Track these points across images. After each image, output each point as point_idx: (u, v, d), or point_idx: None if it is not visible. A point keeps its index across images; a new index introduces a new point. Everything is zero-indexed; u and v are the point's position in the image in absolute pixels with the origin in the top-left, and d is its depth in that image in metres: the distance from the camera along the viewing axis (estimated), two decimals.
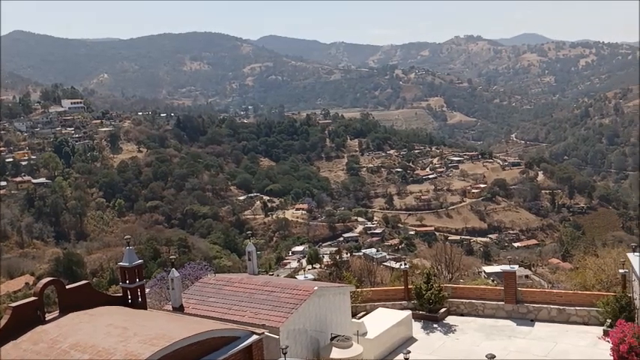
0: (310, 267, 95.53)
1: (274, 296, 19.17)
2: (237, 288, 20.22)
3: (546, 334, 23.01)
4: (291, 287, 19.77)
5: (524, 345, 22.22)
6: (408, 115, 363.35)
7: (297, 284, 20.92)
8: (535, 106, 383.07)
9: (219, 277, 21.88)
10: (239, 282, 20.69)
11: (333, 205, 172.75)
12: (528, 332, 23.50)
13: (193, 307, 19.36)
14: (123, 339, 13.43)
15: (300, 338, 18.65)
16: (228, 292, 20.09)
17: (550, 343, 22.16)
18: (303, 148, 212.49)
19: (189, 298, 20.08)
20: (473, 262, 78.15)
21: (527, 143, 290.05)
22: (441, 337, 23.67)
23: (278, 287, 19.84)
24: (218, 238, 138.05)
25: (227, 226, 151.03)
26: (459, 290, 27.33)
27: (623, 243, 69.86)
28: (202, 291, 20.57)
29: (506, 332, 23.63)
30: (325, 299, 20.09)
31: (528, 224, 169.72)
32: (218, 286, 20.68)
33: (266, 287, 19.88)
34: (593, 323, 23.36)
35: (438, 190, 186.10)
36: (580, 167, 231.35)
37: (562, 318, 24.30)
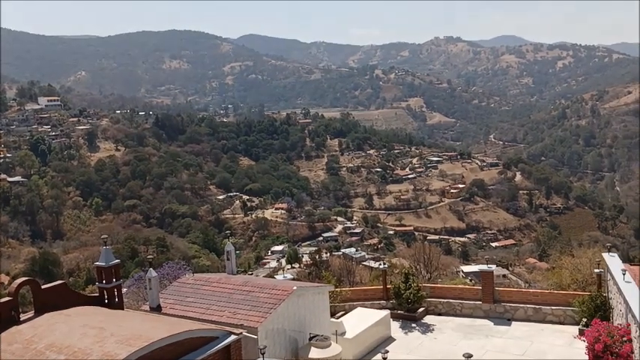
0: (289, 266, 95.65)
1: (253, 296, 19.08)
2: (215, 288, 20.10)
3: (523, 334, 23.22)
4: (269, 287, 19.70)
5: (501, 344, 22.40)
6: (388, 115, 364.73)
7: (275, 284, 20.86)
8: (513, 107, 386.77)
9: (198, 277, 21.73)
10: (217, 282, 20.57)
11: (313, 205, 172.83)
12: (505, 331, 23.69)
13: (171, 307, 19.19)
14: (99, 339, 13.27)
15: (278, 338, 18.61)
16: (207, 292, 19.96)
17: (527, 342, 22.37)
18: (283, 148, 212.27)
19: (166, 298, 19.91)
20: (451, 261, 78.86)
21: (506, 144, 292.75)
22: (419, 337, 23.77)
23: (257, 287, 19.75)
24: (197, 237, 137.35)
25: (206, 225, 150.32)
26: (437, 290, 27.47)
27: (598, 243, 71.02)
28: (180, 291, 20.41)
29: (483, 331, 23.80)
30: (304, 299, 20.06)
31: (506, 224, 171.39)
32: (196, 285, 20.53)
33: (244, 287, 19.78)
34: (569, 322, 23.62)
35: (417, 190, 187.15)
36: (557, 168, 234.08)
37: (538, 317, 24.54)
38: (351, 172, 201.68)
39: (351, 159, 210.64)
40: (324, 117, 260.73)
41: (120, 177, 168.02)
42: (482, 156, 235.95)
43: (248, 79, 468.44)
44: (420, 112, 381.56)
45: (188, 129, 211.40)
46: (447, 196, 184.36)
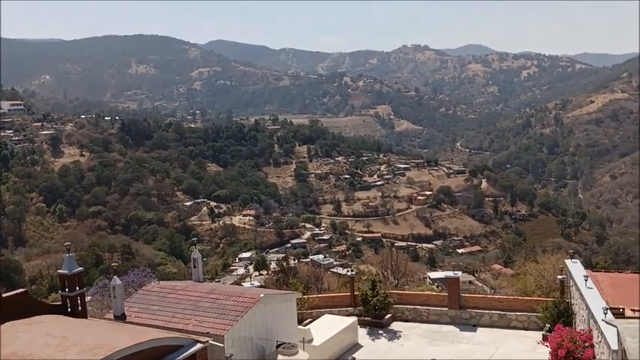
0: (257, 273, 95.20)
1: (219, 304, 18.95)
2: (181, 296, 19.90)
3: (488, 339, 23.49)
4: (236, 295, 19.59)
5: (466, 350, 22.62)
6: (356, 123, 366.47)
7: (242, 291, 20.76)
8: (479, 115, 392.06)
9: (163, 285, 21.49)
10: (183, 289, 20.38)
11: (281, 211, 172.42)
12: (471, 337, 23.94)
13: (136, 316, 18.94)
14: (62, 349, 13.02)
15: (245, 346, 18.49)
16: (172, 299, 19.75)
17: (492, 347, 22.63)
18: (252, 154, 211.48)
19: (131, 306, 19.65)
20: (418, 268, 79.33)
21: (472, 151, 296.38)
22: (386, 343, 23.88)
23: (223, 295, 19.62)
24: (163, 244, 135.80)
25: (173, 232, 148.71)
26: (404, 296, 27.64)
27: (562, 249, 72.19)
28: (145, 299, 20.15)
29: (449, 337, 24.02)
30: (271, 306, 19.99)
31: (472, 231, 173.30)
32: (162, 293, 20.30)
33: (211, 295, 19.63)
34: (533, 328, 23.98)
35: (385, 196, 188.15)
36: (522, 175, 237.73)
37: (503, 323, 24.87)
38: (319, 178, 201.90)
39: (320, 166, 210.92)
40: (292, 123, 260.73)
41: (84, 183, 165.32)
42: (449, 163, 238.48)
43: (216, 84, 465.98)
44: (388, 120, 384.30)
45: (155, 134, 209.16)
46: (414, 202, 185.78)
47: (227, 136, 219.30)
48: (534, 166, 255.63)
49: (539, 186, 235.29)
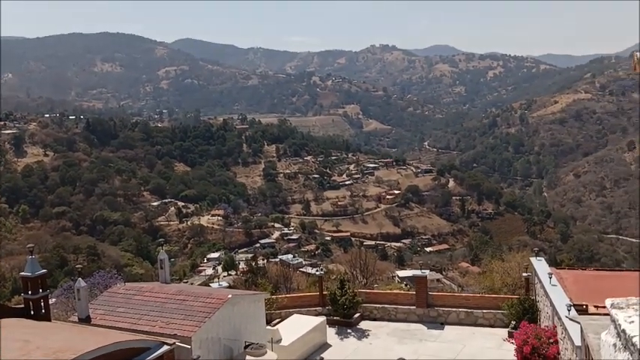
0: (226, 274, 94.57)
1: (186, 305, 18.77)
2: (147, 297, 19.66)
3: (455, 337, 23.73)
4: (204, 295, 19.43)
5: (434, 348, 22.82)
6: (325, 122, 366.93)
7: (210, 292, 20.60)
8: (447, 115, 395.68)
9: (129, 286, 21.20)
10: (150, 291, 20.13)
11: (250, 211, 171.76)
12: (438, 335, 24.16)
13: (101, 318, 18.65)
14: (24, 353, 12.75)
15: (213, 347, 18.35)
16: (139, 301, 19.49)
17: (459, 345, 22.86)
18: (220, 154, 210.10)
19: (96, 308, 19.33)
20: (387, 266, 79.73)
21: (439, 151, 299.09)
22: (355, 342, 23.95)
23: (191, 296, 19.44)
24: (130, 245, 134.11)
25: (139, 232, 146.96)
26: (373, 295, 27.76)
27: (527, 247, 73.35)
28: (111, 301, 19.85)
29: (417, 336, 24.19)
30: (239, 307, 19.88)
31: (440, 229, 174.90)
32: (128, 295, 20.03)
33: (178, 296, 19.44)
34: (499, 325, 24.31)
35: (353, 196, 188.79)
36: (488, 174, 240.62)
37: (470, 321, 25.15)
38: (288, 178, 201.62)
39: (289, 165, 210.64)
40: (261, 123, 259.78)
41: (48, 183, 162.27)
42: (416, 163, 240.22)
43: (183, 83, 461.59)
44: (356, 119, 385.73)
45: (121, 134, 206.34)
46: (382, 202, 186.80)
47: (195, 136, 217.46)
48: (500, 165, 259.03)
49: (505, 185, 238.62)
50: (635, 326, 2.33)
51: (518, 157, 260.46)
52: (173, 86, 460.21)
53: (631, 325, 2.35)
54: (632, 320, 2.40)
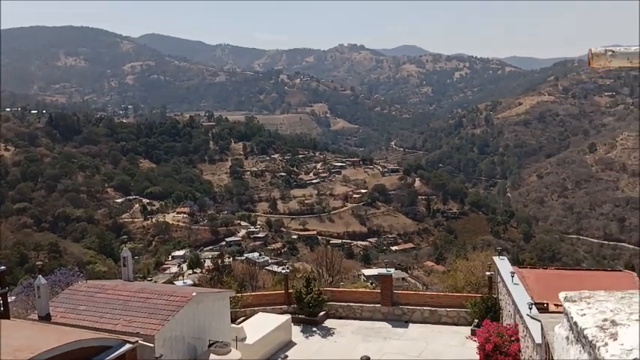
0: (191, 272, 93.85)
1: (150, 303, 18.56)
2: (110, 295, 19.38)
3: (419, 335, 23.93)
4: (168, 293, 19.23)
5: (398, 346, 22.98)
6: (293, 120, 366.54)
7: (174, 290, 20.39)
8: (413, 115, 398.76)
9: (91, 284, 20.87)
10: (112, 289, 19.85)
11: (216, 209, 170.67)
12: (403, 333, 24.34)
13: (62, 316, 18.31)
14: None
15: (176, 346, 18.17)
16: (101, 299, 19.21)
17: (423, 343, 23.06)
18: (186, 151, 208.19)
19: (57, 306, 18.98)
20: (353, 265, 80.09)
21: (406, 151, 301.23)
22: (320, 341, 23.97)
23: (154, 294, 19.23)
24: (93, 242, 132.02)
25: (103, 229, 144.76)
26: (338, 293, 27.83)
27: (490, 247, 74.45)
28: (72, 299, 19.51)
29: (382, 334, 24.33)
30: (204, 305, 19.72)
31: (406, 228, 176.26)
32: (89, 293, 19.71)
33: (141, 294, 19.20)
34: (462, 323, 24.59)
35: (320, 194, 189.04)
36: (453, 174, 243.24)
37: (434, 319, 25.40)
38: (255, 176, 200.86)
39: (256, 163, 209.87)
40: (228, 120, 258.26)
41: (9, 179, 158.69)
42: (383, 162, 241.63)
43: (149, 79, 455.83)
44: (324, 118, 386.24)
45: (84, 129, 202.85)
46: (349, 200, 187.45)
47: (161, 132, 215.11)
48: (465, 166, 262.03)
49: (470, 185, 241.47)
50: (586, 319, 2.38)
51: (483, 157, 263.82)
52: (139, 82, 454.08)
53: (582, 318, 2.40)
54: (583, 313, 2.45)
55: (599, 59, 2.56)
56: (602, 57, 2.57)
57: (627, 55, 2.53)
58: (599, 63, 2.52)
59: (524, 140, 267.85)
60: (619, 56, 2.53)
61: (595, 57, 2.50)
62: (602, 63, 2.54)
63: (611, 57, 2.53)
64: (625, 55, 2.53)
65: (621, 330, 2.27)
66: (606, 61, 2.52)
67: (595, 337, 2.26)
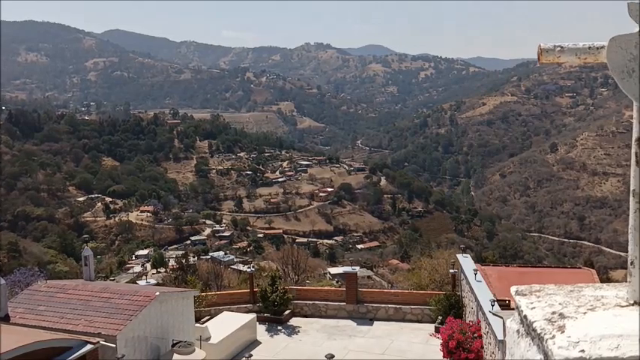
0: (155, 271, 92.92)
1: (112, 303, 18.29)
2: (71, 295, 19.04)
3: (384, 333, 24.09)
4: (130, 293, 18.97)
5: (363, 344, 23.09)
6: (259, 119, 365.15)
7: (137, 290, 20.12)
8: (379, 114, 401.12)
9: (52, 284, 20.47)
10: (73, 289, 19.50)
11: (181, 208, 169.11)
12: (367, 331, 24.46)
13: (21, 317, 17.92)
14: None
15: (139, 346, 17.94)
16: (61, 299, 18.85)
17: (387, 340, 23.22)
18: (150, 148, 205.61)
19: (16, 306, 18.56)
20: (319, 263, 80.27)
21: (372, 149, 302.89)
22: (285, 339, 23.95)
23: (116, 293, 18.96)
24: (54, 241, 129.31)
25: (64, 229, 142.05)
26: (304, 292, 27.83)
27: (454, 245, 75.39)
28: (32, 299, 19.11)
29: (347, 332, 24.42)
30: (167, 305, 19.51)
31: (371, 227, 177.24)
32: (50, 293, 19.33)
33: (103, 294, 18.91)
34: (426, 321, 24.84)
35: (286, 193, 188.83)
36: (418, 173, 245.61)
37: (398, 316, 25.59)
38: (220, 174, 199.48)
39: (221, 161, 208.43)
40: (193, 118, 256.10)
41: None
42: (349, 161, 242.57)
43: (113, 76, 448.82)
44: (290, 117, 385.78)
45: (45, 126, 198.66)
46: (315, 199, 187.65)
47: (124, 130, 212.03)
48: (430, 165, 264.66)
49: (435, 184, 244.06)
50: (536, 312, 2.41)
51: (448, 156, 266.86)
52: (101, 78, 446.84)
53: (532, 311, 2.42)
54: (533, 306, 2.48)
55: (548, 55, 2.59)
56: (551, 52, 2.58)
57: (575, 51, 2.57)
58: (548, 58, 2.62)
59: (487, 140, 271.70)
60: (567, 52, 2.58)
61: (544, 52, 2.59)
62: (551, 58, 2.65)
63: (560, 53, 2.57)
64: (573, 50, 2.57)
65: (569, 322, 2.30)
66: (555, 57, 2.59)
67: (543, 329, 2.28)
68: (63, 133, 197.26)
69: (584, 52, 2.58)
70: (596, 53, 2.57)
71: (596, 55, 2.57)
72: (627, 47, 2.46)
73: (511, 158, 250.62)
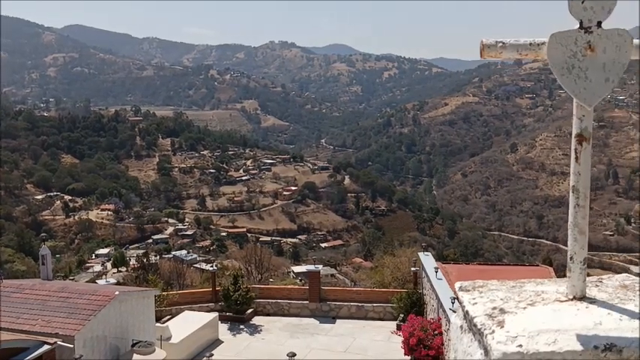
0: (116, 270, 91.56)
1: (70, 303, 17.96)
2: (27, 295, 18.63)
3: (346, 331, 24.20)
4: (89, 293, 18.66)
5: (325, 342, 23.16)
6: (223, 117, 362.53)
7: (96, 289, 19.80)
8: (343, 113, 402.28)
9: (8, 284, 20.00)
10: (30, 288, 19.08)
11: (142, 206, 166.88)
12: (330, 329, 24.55)
13: None
14: None
15: (98, 346, 17.66)
16: (18, 299, 18.43)
17: (349, 338, 23.34)
18: (111, 146, 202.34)
19: None
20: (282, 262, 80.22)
21: (336, 148, 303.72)
22: (247, 338, 23.86)
23: (75, 293, 18.63)
24: (11, 240, 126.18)
25: (22, 227, 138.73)
26: (266, 290, 27.79)
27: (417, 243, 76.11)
28: None
29: (309, 330, 24.46)
30: (127, 304, 19.25)
31: (335, 225, 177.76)
32: (5, 293, 18.88)
33: (61, 293, 18.56)
34: (388, 318, 25.05)
35: (250, 191, 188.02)
36: (382, 173, 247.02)
37: (361, 314, 25.75)
38: (183, 172, 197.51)
39: (184, 159, 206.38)
40: (155, 115, 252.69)
41: None
42: (313, 159, 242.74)
43: (73, 71, 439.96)
44: (254, 115, 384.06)
45: (2, 122, 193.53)
46: (279, 198, 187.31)
47: (84, 127, 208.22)
48: (393, 164, 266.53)
49: (398, 183, 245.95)
50: (477, 307, 2.42)
51: (411, 156, 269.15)
52: (61, 74, 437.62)
53: (474, 307, 2.44)
54: (475, 302, 2.50)
55: (490, 50, 2.62)
56: (493, 48, 2.60)
57: (517, 47, 2.59)
58: (490, 54, 2.64)
59: (449, 140, 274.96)
60: (509, 48, 2.59)
61: (486, 48, 2.63)
62: (494, 54, 2.64)
63: (502, 48, 2.59)
64: (515, 46, 2.59)
65: (508, 317, 2.31)
66: (497, 52, 2.61)
67: (483, 324, 2.29)
68: (21, 130, 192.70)
69: (525, 49, 2.59)
70: (537, 49, 2.58)
71: (537, 52, 2.59)
72: (567, 44, 2.50)
73: (472, 158, 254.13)
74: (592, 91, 2.54)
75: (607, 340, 2.12)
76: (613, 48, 2.49)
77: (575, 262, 2.56)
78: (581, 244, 2.57)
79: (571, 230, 2.63)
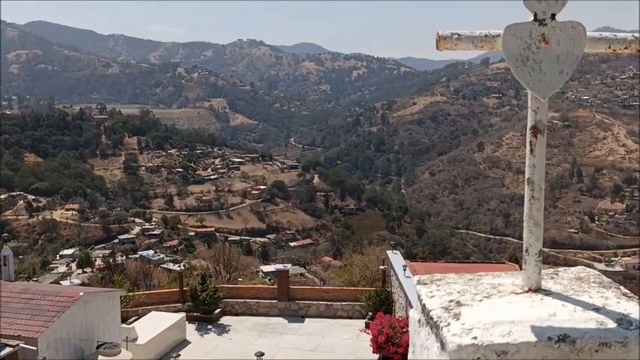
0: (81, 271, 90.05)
1: (33, 304, 17.57)
2: None
3: (315, 329, 24.18)
4: (53, 294, 18.29)
5: (294, 341, 23.11)
6: (191, 115, 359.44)
7: (60, 290, 19.43)
8: (312, 112, 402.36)
9: None
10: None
11: (108, 206, 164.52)
12: (299, 328, 24.50)
13: None
14: None
15: (62, 348, 17.32)
16: None
17: (318, 337, 23.32)
18: (76, 144, 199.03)
19: None
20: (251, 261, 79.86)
21: (305, 147, 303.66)
22: (215, 338, 23.68)
23: (38, 294, 18.23)
24: None
25: None
26: (235, 290, 27.63)
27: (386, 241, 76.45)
28: None
29: (278, 329, 24.38)
30: (92, 305, 18.93)
31: (304, 224, 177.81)
32: None
33: (24, 295, 18.14)
34: (357, 317, 25.10)
35: (219, 191, 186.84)
36: (351, 171, 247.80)
37: (329, 313, 25.76)
38: (150, 171, 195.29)
39: (151, 158, 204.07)
40: (121, 113, 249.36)
41: None
42: (282, 158, 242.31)
43: (36, 68, 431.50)
44: (223, 113, 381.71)
45: None
46: (248, 197, 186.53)
47: (48, 125, 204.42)
48: (362, 163, 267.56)
49: (367, 181, 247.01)
50: (434, 300, 2.44)
51: (380, 155, 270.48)
52: (24, 71, 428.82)
53: (431, 300, 2.45)
54: (432, 295, 2.50)
55: (445, 42, 2.62)
56: (448, 40, 2.61)
57: (472, 39, 2.61)
58: (445, 46, 2.64)
59: (417, 139, 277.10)
60: (465, 40, 2.60)
61: (442, 40, 2.62)
62: (449, 46, 2.63)
63: (457, 40, 2.60)
64: (470, 38, 2.60)
65: (464, 310, 2.33)
66: (453, 44, 2.62)
67: (440, 317, 2.31)
68: None
69: (480, 41, 2.61)
70: (492, 42, 2.60)
71: (493, 44, 2.60)
72: (522, 36, 2.51)
73: (440, 157, 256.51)
74: (546, 83, 2.56)
75: (561, 331, 2.15)
76: (567, 40, 2.51)
77: (531, 254, 2.57)
78: (537, 237, 2.59)
79: (526, 222, 2.64)
